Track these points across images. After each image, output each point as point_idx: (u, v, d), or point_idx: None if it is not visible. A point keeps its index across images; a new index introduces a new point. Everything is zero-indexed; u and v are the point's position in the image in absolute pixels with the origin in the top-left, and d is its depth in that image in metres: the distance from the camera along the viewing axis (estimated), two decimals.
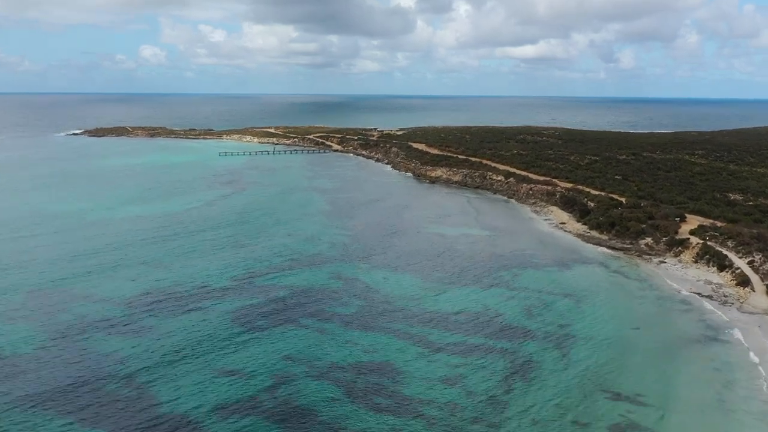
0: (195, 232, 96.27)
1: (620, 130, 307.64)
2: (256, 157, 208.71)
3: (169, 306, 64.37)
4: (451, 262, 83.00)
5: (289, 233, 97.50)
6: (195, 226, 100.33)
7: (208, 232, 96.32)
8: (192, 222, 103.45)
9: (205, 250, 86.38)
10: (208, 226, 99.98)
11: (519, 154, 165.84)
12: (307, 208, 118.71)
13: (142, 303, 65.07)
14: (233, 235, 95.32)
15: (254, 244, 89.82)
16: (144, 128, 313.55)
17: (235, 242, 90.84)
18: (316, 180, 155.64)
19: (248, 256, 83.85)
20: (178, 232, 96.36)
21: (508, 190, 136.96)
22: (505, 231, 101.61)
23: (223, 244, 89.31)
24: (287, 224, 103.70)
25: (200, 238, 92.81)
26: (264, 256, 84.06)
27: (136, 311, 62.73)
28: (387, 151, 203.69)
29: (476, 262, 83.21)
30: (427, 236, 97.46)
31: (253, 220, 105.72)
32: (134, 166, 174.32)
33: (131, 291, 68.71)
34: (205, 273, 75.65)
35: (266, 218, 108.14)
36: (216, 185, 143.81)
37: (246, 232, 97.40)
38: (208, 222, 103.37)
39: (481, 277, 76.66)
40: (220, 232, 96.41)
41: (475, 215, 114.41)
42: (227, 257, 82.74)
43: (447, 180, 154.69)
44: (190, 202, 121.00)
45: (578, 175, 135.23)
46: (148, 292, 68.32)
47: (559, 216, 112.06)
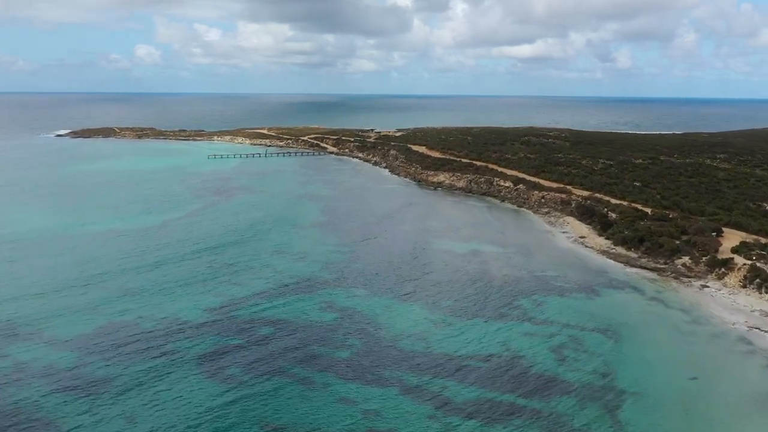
0: (169, 252, 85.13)
1: (626, 131, 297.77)
2: (247, 160, 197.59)
3: (127, 351, 53.34)
4: (462, 286, 72.18)
5: (278, 250, 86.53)
6: (170, 244, 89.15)
7: (184, 251, 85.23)
8: (168, 239, 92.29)
9: (179, 274, 75.31)
10: (185, 244, 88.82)
11: (527, 157, 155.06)
12: (299, 219, 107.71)
13: (95, 347, 54.01)
14: (213, 254, 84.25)
15: (237, 265, 78.81)
16: (132, 129, 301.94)
17: (215, 263, 79.79)
18: (309, 186, 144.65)
19: (229, 280, 72.87)
20: (148, 251, 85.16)
21: (517, 198, 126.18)
22: (519, 247, 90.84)
23: (202, 266, 78.23)
24: (276, 239, 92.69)
25: (175, 259, 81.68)
26: (247, 280, 73.11)
27: (86, 360, 51.68)
28: (385, 153, 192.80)
29: (491, 286, 72.41)
30: (433, 254, 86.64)
31: (237, 235, 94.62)
32: (113, 172, 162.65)
33: (83, 328, 57.70)
34: (177, 305, 64.66)
35: (253, 232, 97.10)
36: (201, 192, 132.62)
37: (228, 250, 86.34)
38: (187, 238, 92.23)
39: (498, 306, 65.87)
40: (199, 251, 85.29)
41: (484, 227, 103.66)
42: (205, 283, 71.71)
43: (450, 186, 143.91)
44: (169, 214, 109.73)
45: (593, 181, 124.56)
46: (104, 332, 57.26)
47: (578, 228, 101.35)
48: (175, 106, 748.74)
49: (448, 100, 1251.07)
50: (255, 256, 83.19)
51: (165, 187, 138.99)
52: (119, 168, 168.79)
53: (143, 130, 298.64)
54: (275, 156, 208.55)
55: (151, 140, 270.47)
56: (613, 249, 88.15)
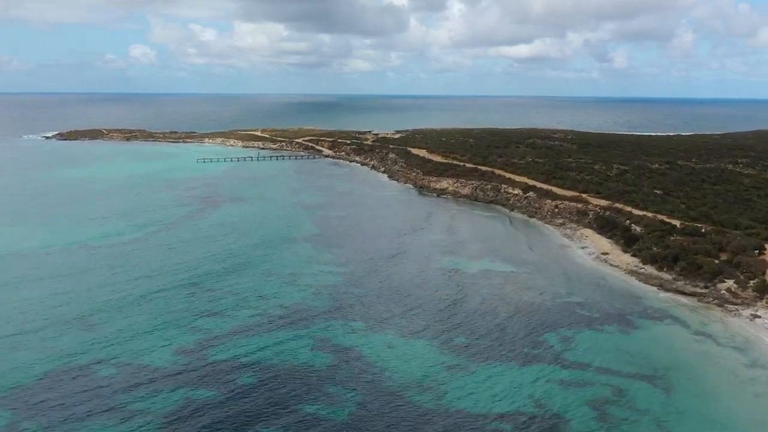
0: (140, 274, 75.26)
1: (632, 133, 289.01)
2: (238, 164, 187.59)
3: (75, 410, 43.53)
4: (477, 317, 62.53)
5: (266, 271, 76.74)
6: (142, 265, 79.22)
7: (158, 274, 75.37)
8: (141, 258, 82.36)
9: (150, 303, 65.50)
10: (160, 265, 78.88)
11: (535, 162, 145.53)
12: (290, 232, 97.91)
13: (36, 407, 44.16)
14: (192, 277, 74.38)
15: (218, 291, 69.06)
16: (120, 131, 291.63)
17: (193, 288, 69.96)
18: (302, 193, 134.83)
19: (208, 310, 63.09)
20: (117, 273, 75.26)
21: (528, 207, 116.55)
22: (535, 265, 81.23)
23: (178, 293, 68.41)
24: (263, 258, 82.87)
25: (146, 283, 71.81)
26: (229, 309, 63.37)
27: (22, 426, 41.86)
28: (383, 157, 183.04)
29: (509, 317, 62.80)
30: (439, 274, 76.97)
31: (220, 253, 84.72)
32: (92, 178, 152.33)
33: (23, 378, 47.84)
34: (144, 344, 54.88)
35: (238, 249, 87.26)
36: (185, 202, 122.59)
37: (210, 271, 76.49)
38: (163, 258, 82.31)
39: (521, 344, 56.25)
40: (176, 273, 75.46)
41: (494, 241, 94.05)
42: (180, 315, 61.91)
43: (454, 193, 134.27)
44: (147, 227, 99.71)
45: (610, 188, 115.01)
46: (50, 383, 47.43)
47: (598, 243, 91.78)
48: (170, 107, 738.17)
49: (444, 101, 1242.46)
50: (239, 279, 73.39)
51: (146, 195, 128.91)
52: (99, 174, 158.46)
53: (132, 132, 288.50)
54: (268, 160, 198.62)
55: (140, 142, 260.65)
56: (642, 268, 78.56)
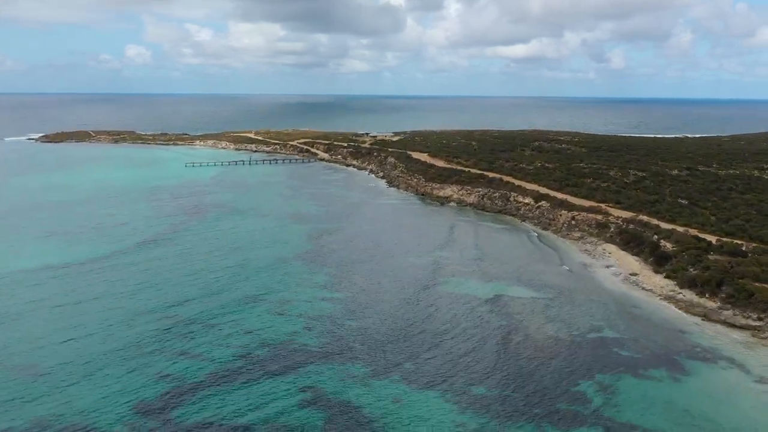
0: (106, 304, 65.51)
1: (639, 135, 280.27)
2: (229, 168, 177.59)
3: None
4: (495, 359, 52.94)
5: (251, 297, 66.99)
6: (111, 291, 69.45)
7: (127, 302, 65.63)
8: (110, 282, 72.51)
9: (114, 339, 55.74)
10: (131, 290, 69.06)
11: (545, 167, 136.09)
12: (281, 248, 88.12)
13: None
14: (167, 304, 64.68)
15: (195, 323, 59.35)
16: (109, 133, 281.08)
17: (166, 319, 60.26)
18: (295, 201, 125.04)
19: (181, 350, 53.39)
20: (81, 302, 65.48)
21: (540, 218, 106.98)
22: (556, 289, 71.65)
23: (147, 326, 58.65)
24: (250, 280, 73.06)
25: (112, 314, 62.03)
26: (205, 348, 53.68)
27: None
28: (382, 161, 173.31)
29: (533, 357, 53.21)
30: (450, 302, 67.29)
31: (201, 275, 74.91)
32: (70, 186, 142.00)
33: None
34: (96, 395, 45.14)
35: (221, 269, 77.46)
36: (168, 212, 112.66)
37: (186, 297, 66.73)
38: (136, 282, 72.43)
39: (551, 396, 46.66)
40: (148, 300, 65.72)
41: (507, 259, 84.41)
42: (147, 356, 52.18)
43: (459, 201, 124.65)
44: (122, 242, 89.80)
45: (630, 197, 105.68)
46: None
47: (624, 261, 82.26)
48: (164, 107, 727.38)
49: (441, 101, 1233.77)
50: (221, 309, 63.62)
51: (126, 206, 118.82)
52: (79, 181, 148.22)
53: (120, 134, 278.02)
54: (261, 164, 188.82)
55: (128, 145, 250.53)
56: (680, 293, 69.04)
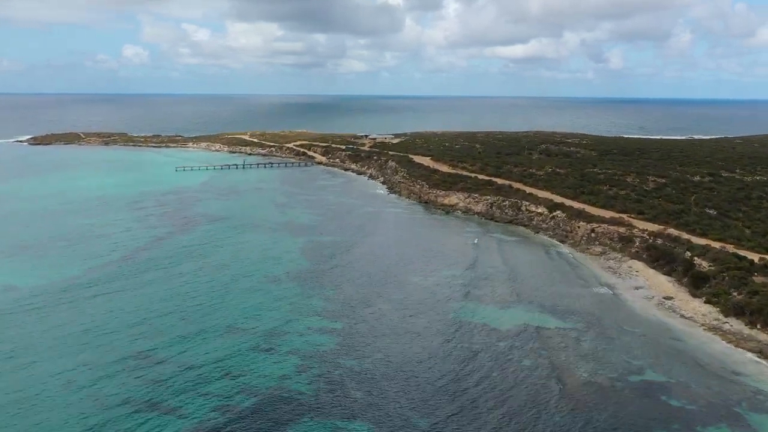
0: (60, 339, 56.80)
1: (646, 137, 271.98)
2: (221, 173, 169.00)
3: None
4: (528, 413, 44.36)
5: (237, 329, 58.35)
6: (67, 322, 60.76)
7: (92, 333, 56.95)
8: (67, 309, 63.83)
9: (62, 391, 47.06)
10: (93, 319, 60.26)
11: (556, 173, 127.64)
12: (273, 266, 79.42)
13: None
14: (137, 335, 56.11)
15: (168, 362, 50.76)
16: (99, 135, 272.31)
17: (133, 360, 51.61)
18: (290, 210, 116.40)
19: (147, 400, 44.71)
20: (36, 336, 56.76)
21: (556, 230, 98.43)
22: (583, 316, 63.12)
23: (108, 369, 50.01)
24: (236, 307, 64.38)
25: (65, 351, 53.37)
26: (174, 398, 45.12)
27: None
28: (382, 165, 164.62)
29: (572, 411, 44.64)
30: (462, 333, 58.72)
31: (182, 300, 66.23)
32: (48, 193, 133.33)
33: None
34: None
35: (206, 291, 68.83)
36: (150, 224, 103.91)
37: (162, 329, 58.11)
38: (99, 308, 63.72)
39: None
40: (115, 332, 57.07)
41: (523, 278, 75.86)
42: (103, 411, 43.48)
43: (466, 210, 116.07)
44: (95, 259, 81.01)
45: (653, 207, 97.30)
46: None
47: (654, 282, 73.72)
48: (160, 108, 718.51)
49: (439, 101, 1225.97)
50: (200, 342, 55.07)
51: (107, 216, 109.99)
52: (59, 187, 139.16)
53: (111, 136, 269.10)
54: (255, 168, 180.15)
55: (119, 147, 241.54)
56: (726, 323, 60.52)
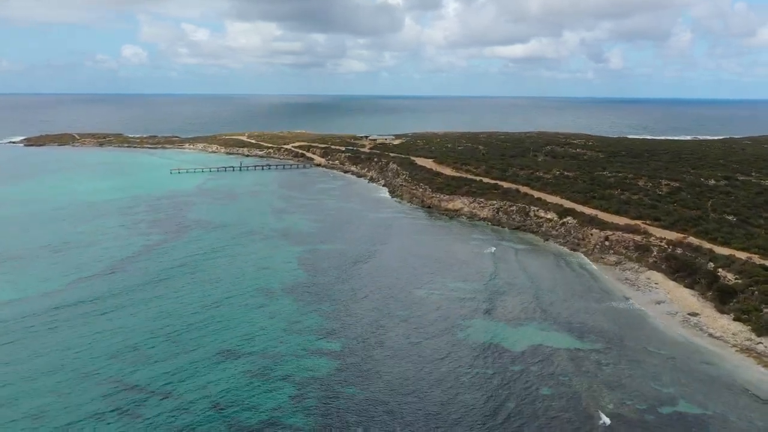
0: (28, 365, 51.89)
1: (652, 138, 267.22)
2: (217, 175, 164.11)
3: None
4: None
5: (223, 354, 53.48)
6: (42, 345, 55.86)
7: (62, 357, 52.07)
8: (51, 326, 58.94)
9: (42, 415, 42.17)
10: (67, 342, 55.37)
11: (564, 176, 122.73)
12: (268, 278, 74.50)
13: None
14: (112, 361, 51.20)
15: (143, 389, 45.91)
16: (94, 136, 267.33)
17: (107, 383, 46.77)
18: (287, 216, 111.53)
19: None
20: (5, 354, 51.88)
21: (567, 237, 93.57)
22: (603, 335, 58.31)
23: (81, 394, 45.12)
24: (225, 327, 59.45)
25: (29, 380, 48.45)
26: (158, 421, 40.22)
27: None
28: (383, 168, 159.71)
29: None
30: (474, 355, 53.92)
31: (165, 315, 61.36)
32: (34, 198, 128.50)
33: None
34: None
35: (192, 306, 64.00)
36: (141, 230, 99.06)
37: (139, 350, 53.26)
38: (79, 328, 58.83)
39: None
40: (92, 361, 52.17)
41: (536, 290, 70.93)
42: None
43: (471, 215, 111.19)
44: (79, 272, 76.09)
45: (669, 213, 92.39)
46: None
47: (676, 295, 68.86)
48: (159, 108, 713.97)
49: (439, 101, 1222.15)
50: (187, 365, 50.32)
51: (96, 222, 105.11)
52: (48, 191, 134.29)
53: (106, 137, 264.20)
54: (252, 170, 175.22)
55: (114, 149, 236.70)
56: (760, 344, 55.65)
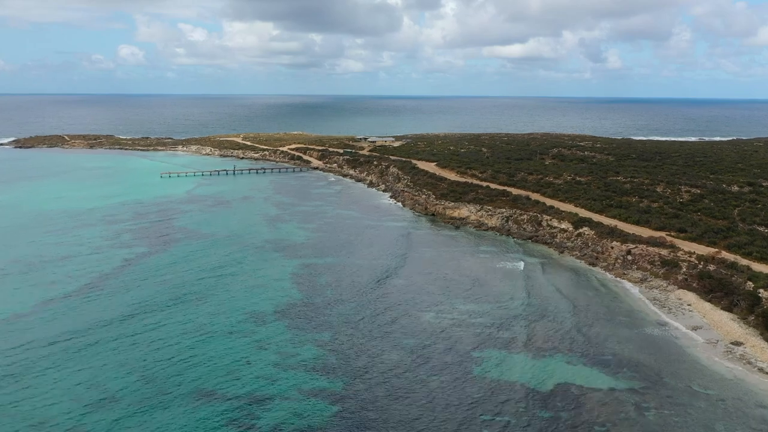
0: None
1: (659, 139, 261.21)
2: (210, 179, 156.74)
3: None
4: None
5: (203, 396, 46.16)
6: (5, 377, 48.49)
7: (25, 389, 44.69)
8: (6, 360, 51.52)
9: None
10: (26, 381, 47.91)
11: (576, 181, 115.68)
12: (257, 300, 67.21)
13: None
14: (78, 400, 43.83)
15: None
16: (84, 137, 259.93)
17: (66, 429, 39.52)
18: (282, 225, 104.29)
19: None
20: None
21: (584, 250, 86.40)
22: (640, 372, 51.16)
23: None
24: (206, 361, 52.14)
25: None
26: None
27: None
28: (383, 172, 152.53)
29: None
30: (489, 394, 46.79)
31: (138, 346, 54.01)
32: (8, 206, 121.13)
33: None
34: None
35: (171, 333, 56.69)
36: (124, 240, 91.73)
37: (111, 388, 45.91)
38: (38, 363, 51.32)
39: None
40: (52, 395, 44.81)
41: (558, 315, 63.73)
42: None
43: (478, 224, 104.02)
44: (49, 289, 68.70)
45: (694, 224, 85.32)
46: None
47: (714, 320, 61.71)
48: (154, 109, 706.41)
49: (437, 102, 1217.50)
50: (161, 412, 43.01)
51: (77, 232, 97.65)
52: (28, 198, 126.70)
53: (97, 139, 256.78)
54: (246, 174, 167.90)
55: (104, 151, 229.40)
56: None
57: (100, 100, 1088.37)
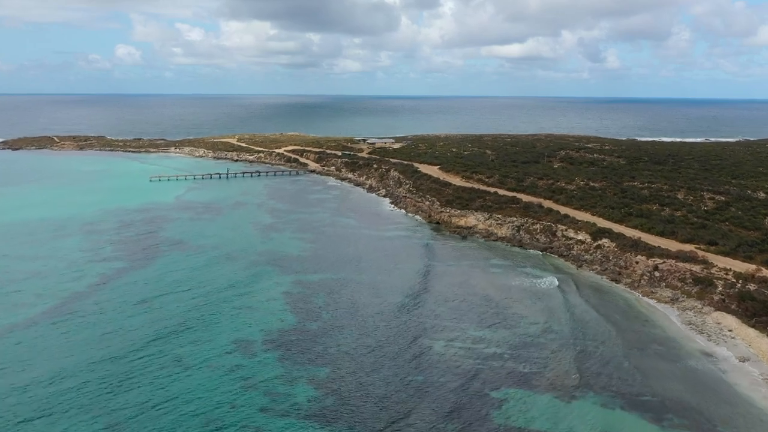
0: None
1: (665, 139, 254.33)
2: (202, 183, 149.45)
3: None
4: None
5: None
6: None
7: None
8: None
9: None
10: None
11: (590, 187, 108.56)
12: (246, 326, 59.82)
13: None
14: None
15: None
16: (74, 138, 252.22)
17: None
18: (276, 235, 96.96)
19: None
20: None
21: (605, 264, 79.16)
22: (686, 415, 44.14)
23: None
24: (184, 402, 44.80)
25: None
26: None
27: None
28: (383, 176, 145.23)
29: None
30: None
31: (109, 385, 46.61)
32: None
33: None
34: None
35: (146, 368, 49.30)
36: (104, 253, 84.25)
37: None
38: None
39: None
40: None
41: (585, 347, 56.46)
42: None
43: (487, 234, 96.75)
44: (12, 314, 61.27)
45: (725, 235, 78.32)
46: None
47: (761, 348, 54.57)
48: (150, 109, 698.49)
49: (436, 101, 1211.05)
50: None
51: (53, 243, 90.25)
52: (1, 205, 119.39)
53: (87, 140, 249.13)
54: (240, 177, 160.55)
55: (94, 152, 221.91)
56: None
57: (98, 100, 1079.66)
